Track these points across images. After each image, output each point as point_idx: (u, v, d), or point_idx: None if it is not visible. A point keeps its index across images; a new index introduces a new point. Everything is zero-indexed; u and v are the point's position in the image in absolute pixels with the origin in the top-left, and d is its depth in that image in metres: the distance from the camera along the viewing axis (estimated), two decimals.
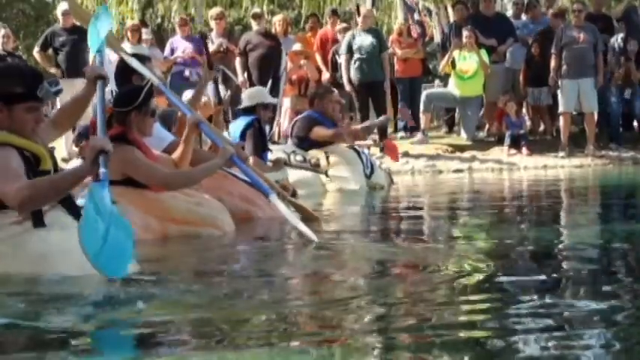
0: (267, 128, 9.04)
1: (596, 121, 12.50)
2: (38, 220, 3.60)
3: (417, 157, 12.25)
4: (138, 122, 4.98)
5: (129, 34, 12.36)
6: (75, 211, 3.79)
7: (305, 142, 8.83)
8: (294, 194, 7.14)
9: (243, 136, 7.71)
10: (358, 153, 9.05)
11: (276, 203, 5.12)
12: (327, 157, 8.77)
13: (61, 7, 13.01)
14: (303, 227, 4.84)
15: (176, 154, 5.32)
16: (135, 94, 5.02)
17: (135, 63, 5.53)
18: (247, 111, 8.13)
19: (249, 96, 8.30)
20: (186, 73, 12.23)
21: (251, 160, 6.42)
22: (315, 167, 8.56)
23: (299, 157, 8.59)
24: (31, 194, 3.50)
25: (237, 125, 7.96)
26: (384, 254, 4.59)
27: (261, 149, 7.84)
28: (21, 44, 18.48)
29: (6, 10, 20.10)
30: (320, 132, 8.84)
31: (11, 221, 3.57)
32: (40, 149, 3.70)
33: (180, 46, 12.64)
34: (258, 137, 7.89)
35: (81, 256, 3.56)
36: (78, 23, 12.26)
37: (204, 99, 8.88)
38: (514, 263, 4.18)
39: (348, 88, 12.36)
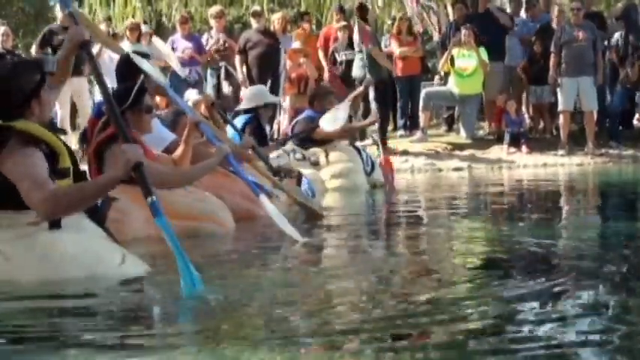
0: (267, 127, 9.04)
1: (596, 119, 12.53)
2: (54, 222, 3.58)
3: (417, 155, 12.26)
4: (134, 120, 4.97)
5: (128, 32, 12.34)
6: (94, 213, 3.78)
7: (306, 143, 8.82)
8: (299, 177, 7.17)
9: (243, 132, 7.71)
10: (358, 150, 9.06)
11: (265, 204, 5.11)
12: (327, 155, 8.77)
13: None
14: (288, 229, 4.83)
15: (176, 154, 5.32)
16: (126, 93, 5.00)
17: (140, 60, 5.51)
18: (248, 110, 8.15)
19: (249, 97, 8.31)
20: (186, 71, 12.23)
21: (250, 152, 6.42)
22: (315, 165, 8.56)
23: (298, 156, 8.59)
24: (56, 205, 3.47)
25: (236, 122, 7.96)
26: (383, 253, 4.60)
27: (261, 146, 7.84)
28: (20, 42, 18.44)
29: (5, 8, 20.09)
30: (325, 131, 8.84)
31: (27, 221, 3.55)
32: (59, 145, 3.67)
33: (180, 45, 12.64)
34: (258, 134, 7.90)
35: (91, 260, 3.56)
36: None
37: (200, 97, 8.87)
38: (513, 262, 4.18)
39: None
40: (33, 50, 12.85)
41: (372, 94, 10.44)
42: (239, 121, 8.00)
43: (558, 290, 3.35)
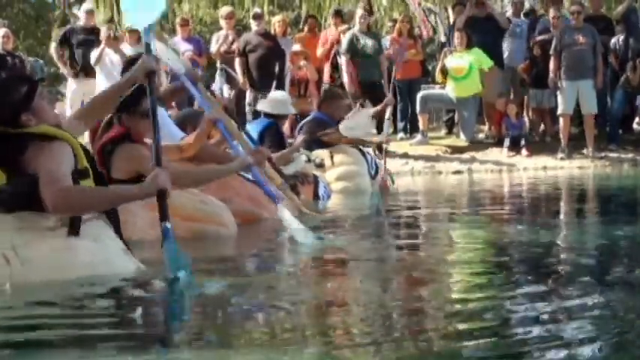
0: None
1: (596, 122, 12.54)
2: (73, 229, 3.57)
3: (417, 158, 12.27)
4: (132, 125, 4.95)
5: (127, 35, 12.29)
6: (116, 222, 3.78)
7: (313, 144, 8.82)
8: (316, 181, 7.18)
9: (261, 137, 7.68)
10: (363, 153, 9.08)
11: (282, 213, 5.11)
12: (332, 157, 8.79)
13: (85, 6, 13.13)
14: (302, 237, 4.85)
15: (184, 142, 5.31)
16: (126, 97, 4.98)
17: (162, 49, 5.46)
18: (267, 114, 8.13)
19: (274, 103, 8.27)
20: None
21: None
22: (319, 167, 8.57)
23: (303, 157, 8.59)
24: (65, 202, 3.48)
25: (254, 126, 7.94)
26: (386, 255, 4.61)
27: (279, 151, 7.83)
28: (21, 44, 18.44)
29: (6, 10, 20.09)
30: (333, 137, 8.86)
31: (47, 226, 3.56)
32: (77, 146, 3.68)
33: (180, 47, 12.63)
34: (277, 140, 7.88)
35: (103, 270, 3.57)
36: (98, 25, 12.41)
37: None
38: (515, 266, 4.19)
39: (348, 88, 12.36)
40: (52, 48, 12.86)
41: (388, 111, 10.38)
42: (258, 125, 7.96)
43: (559, 293, 3.36)
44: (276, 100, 8.38)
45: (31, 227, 3.56)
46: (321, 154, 8.75)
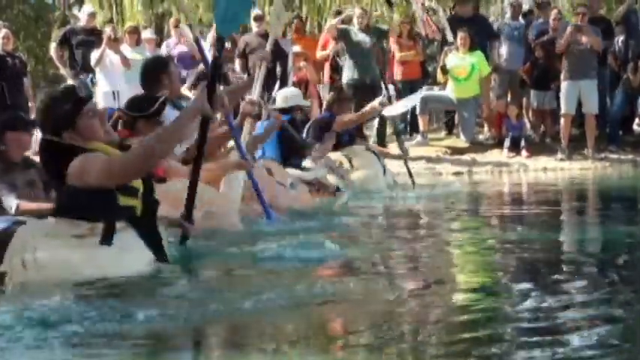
0: None
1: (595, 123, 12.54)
2: (106, 238, 3.58)
3: (417, 159, 12.25)
4: (146, 130, 4.95)
5: (127, 36, 12.28)
6: (149, 235, 3.76)
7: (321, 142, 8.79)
8: (335, 192, 7.20)
9: (280, 137, 7.67)
10: (376, 155, 9.14)
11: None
12: (350, 160, 8.83)
13: (87, 8, 13.17)
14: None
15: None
16: (150, 102, 4.99)
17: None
18: (283, 111, 8.13)
19: (286, 98, 8.25)
20: (183, 73, 12.21)
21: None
22: (341, 178, 8.57)
23: (324, 170, 8.54)
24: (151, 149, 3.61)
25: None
26: (390, 255, 4.62)
27: (293, 156, 7.83)
28: (21, 45, 18.43)
29: (6, 11, 20.11)
30: (344, 118, 8.87)
31: (76, 233, 3.56)
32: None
33: (176, 48, 12.64)
34: (290, 142, 7.87)
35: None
36: (98, 26, 12.45)
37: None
38: (515, 268, 4.19)
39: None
40: (52, 49, 12.85)
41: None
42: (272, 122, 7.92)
43: (559, 295, 3.36)
44: (285, 95, 8.40)
45: (59, 234, 3.57)
46: (339, 158, 8.75)
